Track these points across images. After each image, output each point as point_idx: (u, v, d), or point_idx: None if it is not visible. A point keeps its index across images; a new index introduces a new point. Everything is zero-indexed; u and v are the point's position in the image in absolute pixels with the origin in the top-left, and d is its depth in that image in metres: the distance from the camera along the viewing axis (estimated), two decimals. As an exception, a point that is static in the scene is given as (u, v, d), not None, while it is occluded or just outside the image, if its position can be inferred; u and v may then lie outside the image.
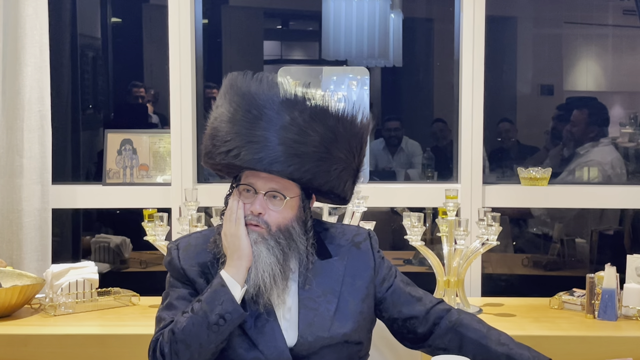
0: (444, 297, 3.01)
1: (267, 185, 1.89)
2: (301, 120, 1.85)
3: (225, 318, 1.82)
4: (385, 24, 4.41)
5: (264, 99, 1.86)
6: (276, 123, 1.85)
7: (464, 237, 2.95)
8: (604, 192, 3.56)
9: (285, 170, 1.85)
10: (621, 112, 5.14)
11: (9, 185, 3.40)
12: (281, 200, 1.90)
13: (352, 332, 1.96)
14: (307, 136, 1.85)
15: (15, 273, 3.04)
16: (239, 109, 1.87)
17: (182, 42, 3.46)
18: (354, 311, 1.97)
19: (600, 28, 5.34)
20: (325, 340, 1.92)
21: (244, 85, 1.90)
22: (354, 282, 1.99)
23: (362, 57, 4.40)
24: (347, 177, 1.95)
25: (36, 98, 3.38)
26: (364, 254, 2.04)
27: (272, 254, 1.88)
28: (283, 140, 1.84)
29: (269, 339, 1.89)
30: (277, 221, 1.90)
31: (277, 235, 1.90)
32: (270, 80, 1.89)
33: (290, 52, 6.56)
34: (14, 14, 3.35)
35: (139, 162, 3.59)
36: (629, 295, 2.91)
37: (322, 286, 1.96)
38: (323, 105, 1.88)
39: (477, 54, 3.42)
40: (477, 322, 2.03)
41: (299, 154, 1.85)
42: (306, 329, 1.92)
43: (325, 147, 1.87)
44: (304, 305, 1.93)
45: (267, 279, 1.88)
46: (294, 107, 1.86)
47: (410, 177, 4.95)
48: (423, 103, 5.38)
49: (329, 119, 1.88)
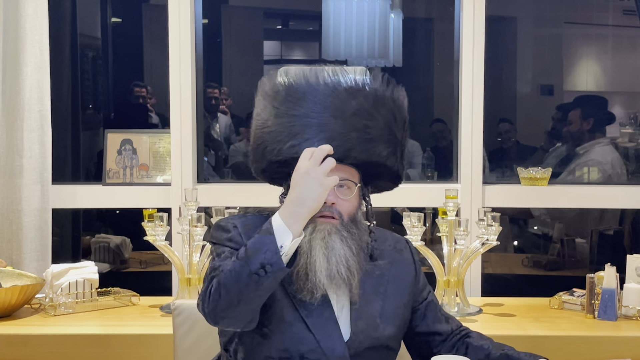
0: (444, 297, 3.01)
1: (337, 174, 1.82)
2: (367, 105, 1.86)
3: (266, 269, 1.69)
4: (385, 24, 4.41)
5: (326, 88, 1.86)
6: (344, 110, 1.85)
7: (464, 237, 2.95)
8: (604, 192, 3.55)
9: (361, 156, 1.85)
10: (621, 112, 5.14)
11: (9, 185, 3.40)
12: (350, 189, 1.88)
13: (394, 336, 1.96)
14: (375, 120, 1.87)
15: (15, 273, 3.04)
16: (301, 102, 1.86)
17: (182, 42, 3.46)
18: (396, 315, 1.97)
19: (600, 28, 5.34)
20: (373, 340, 1.90)
21: (299, 78, 1.89)
22: (398, 287, 1.99)
23: (362, 57, 4.40)
24: (404, 157, 1.97)
25: (36, 98, 3.38)
26: (406, 261, 2.05)
27: (345, 244, 1.85)
28: (354, 127, 1.84)
29: (331, 345, 1.85)
30: (348, 210, 1.88)
31: (348, 226, 1.87)
32: (319, 69, 1.90)
33: (290, 52, 6.56)
34: (14, 14, 3.35)
35: (139, 162, 3.59)
36: (629, 295, 2.91)
37: (370, 286, 1.95)
38: (382, 88, 1.90)
39: (477, 54, 3.42)
40: (487, 338, 2.05)
41: (372, 137, 1.86)
42: (358, 326, 1.89)
43: (388, 128, 1.90)
44: (354, 302, 1.90)
45: (342, 269, 1.83)
46: (357, 92, 1.87)
47: (410, 177, 4.95)
48: (423, 103, 5.38)
49: (387, 102, 1.91)
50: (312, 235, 1.82)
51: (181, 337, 2.32)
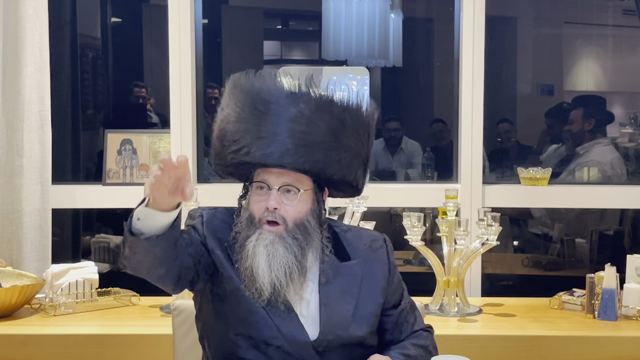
0: (444, 297, 3.01)
1: (280, 180, 1.90)
2: (308, 111, 1.87)
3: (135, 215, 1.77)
4: (385, 24, 4.41)
5: (268, 94, 1.88)
6: (283, 116, 1.86)
7: (464, 237, 2.95)
8: (604, 192, 3.55)
9: (296, 161, 1.86)
10: (621, 112, 5.14)
11: (9, 185, 3.40)
12: (295, 194, 1.91)
13: (368, 336, 1.98)
14: (314, 126, 1.87)
15: (15, 273, 3.04)
16: (245, 107, 1.89)
17: (182, 42, 3.46)
18: (370, 314, 1.99)
19: (600, 28, 5.34)
20: (343, 339, 1.93)
21: (247, 83, 1.91)
22: (371, 286, 2.01)
23: (362, 57, 4.40)
24: (357, 165, 1.95)
25: (36, 98, 3.38)
26: (380, 260, 2.05)
27: (289, 252, 1.89)
28: (291, 132, 1.85)
29: (292, 331, 1.90)
30: (293, 216, 1.91)
31: (293, 231, 1.91)
32: (272, 75, 1.92)
33: (290, 52, 6.56)
34: (14, 14, 3.35)
35: (139, 162, 3.59)
36: (629, 295, 2.91)
37: (342, 286, 1.97)
38: (328, 95, 1.90)
39: (477, 54, 3.42)
40: (415, 342, 2.04)
41: (308, 144, 1.86)
42: (327, 326, 1.93)
43: (333, 135, 1.89)
44: (324, 302, 1.94)
45: (282, 276, 1.88)
46: (299, 99, 1.88)
47: (410, 177, 4.95)
48: (423, 103, 5.38)
49: (334, 108, 1.90)
50: (257, 242, 1.90)
51: (181, 337, 2.32)
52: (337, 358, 1.94)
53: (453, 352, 2.04)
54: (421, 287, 3.31)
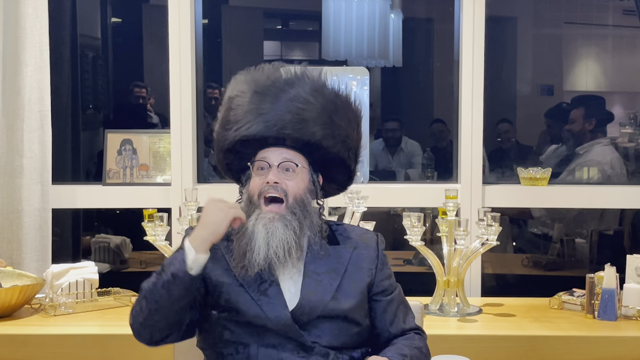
0: (444, 297, 3.01)
1: (280, 157, 2.00)
2: (303, 92, 2.01)
3: (175, 277, 1.91)
4: (385, 24, 4.41)
5: (267, 81, 2.02)
6: (282, 97, 2.00)
7: (464, 237, 2.95)
8: (604, 192, 3.55)
9: (295, 132, 1.98)
10: (621, 112, 5.14)
11: (9, 185, 3.40)
12: (294, 171, 2.00)
13: (352, 310, 2.01)
14: (311, 105, 2.00)
15: (15, 273, 3.04)
16: (245, 94, 2.02)
17: (182, 42, 3.46)
18: (355, 291, 2.03)
19: (600, 28, 5.35)
20: (324, 310, 1.97)
21: (246, 75, 2.06)
22: (358, 268, 2.06)
23: (362, 57, 4.40)
24: (349, 147, 2.06)
25: (36, 98, 3.38)
26: (370, 248, 2.11)
27: (289, 228, 1.97)
28: (289, 109, 1.99)
29: (271, 301, 1.95)
30: (293, 190, 1.99)
31: (293, 207, 1.98)
32: (270, 66, 2.07)
33: (290, 52, 6.57)
34: (14, 14, 3.35)
35: (139, 162, 3.59)
36: (629, 295, 2.91)
37: (328, 266, 2.03)
38: (321, 80, 2.05)
39: (477, 54, 3.42)
40: (409, 343, 2.05)
41: (305, 118, 1.99)
42: (307, 295, 1.98)
43: (327, 115, 2.01)
44: (307, 276, 2.00)
45: (281, 252, 1.96)
46: (295, 83, 2.02)
47: (410, 177, 4.95)
48: (423, 103, 5.38)
49: (327, 92, 2.04)
50: (256, 221, 1.97)
51: (181, 337, 2.31)
52: (322, 333, 1.96)
53: (453, 352, 2.04)
54: (421, 287, 3.32)
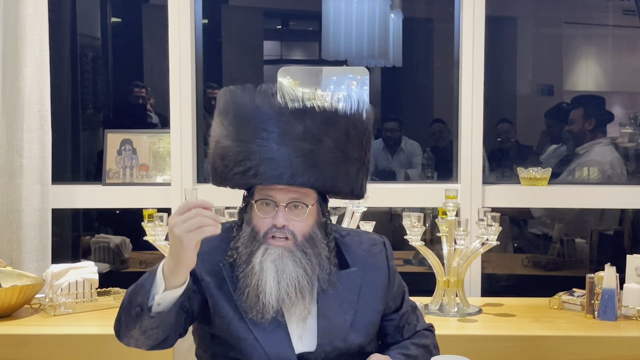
0: (443, 297, 3.01)
1: (287, 196, 1.84)
2: (314, 128, 1.81)
3: (142, 310, 1.78)
4: (385, 24, 4.41)
5: (271, 112, 1.82)
6: (290, 135, 1.80)
7: (464, 237, 2.95)
8: (604, 192, 3.55)
9: (307, 182, 1.82)
10: (621, 112, 5.14)
11: (9, 185, 3.40)
12: (303, 210, 1.86)
13: (367, 344, 1.97)
14: (322, 143, 1.82)
15: (15, 273, 3.04)
16: (247, 125, 1.82)
17: (182, 42, 3.46)
18: (369, 323, 1.97)
19: (600, 28, 5.34)
20: (341, 350, 1.92)
21: (246, 100, 1.84)
22: (371, 294, 1.98)
23: (362, 57, 4.40)
24: (362, 175, 1.92)
25: (36, 98, 3.38)
26: (380, 266, 2.02)
27: (299, 266, 1.85)
28: (299, 152, 1.80)
29: (276, 344, 1.87)
30: (301, 230, 1.87)
31: (303, 245, 1.86)
32: (272, 91, 1.84)
33: (290, 52, 6.56)
34: (14, 14, 3.35)
35: (139, 162, 3.59)
36: (629, 295, 2.91)
37: (339, 296, 1.93)
38: (332, 109, 1.84)
39: (477, 54, 3.42)
40: (416, 341, 2.05)
41: (317, 163, 1.82)
42: (324, 337, 1.90)
43: (340, 150, 1.85)
44: (322, 314, 1.91)
45: (292, 292, 1.84)
46: (304, 115, 1.82)
47: (410, 177, 4.95)
48: (423, 103, 5.38)
49: (339, 121, 1.84)
50: (264, 257, 1.84)
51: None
52: None
53: (453, 352, 2.04)
54: (421, 287, 3.32)
